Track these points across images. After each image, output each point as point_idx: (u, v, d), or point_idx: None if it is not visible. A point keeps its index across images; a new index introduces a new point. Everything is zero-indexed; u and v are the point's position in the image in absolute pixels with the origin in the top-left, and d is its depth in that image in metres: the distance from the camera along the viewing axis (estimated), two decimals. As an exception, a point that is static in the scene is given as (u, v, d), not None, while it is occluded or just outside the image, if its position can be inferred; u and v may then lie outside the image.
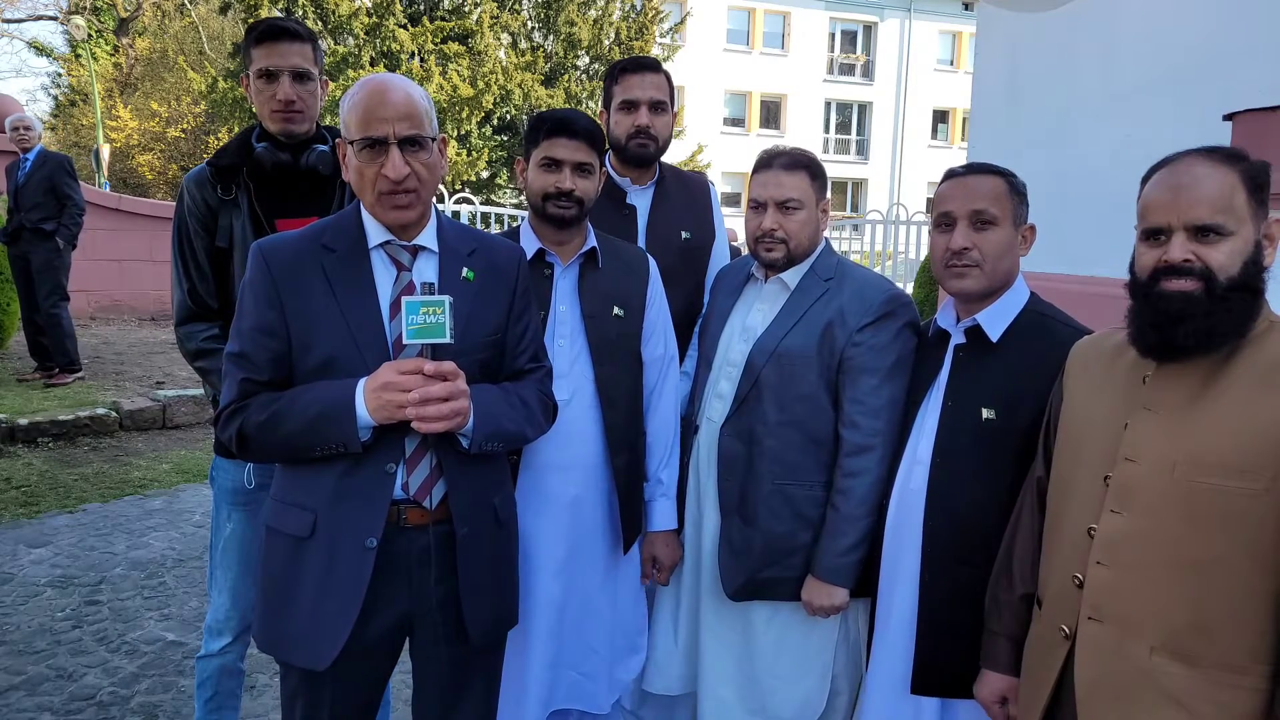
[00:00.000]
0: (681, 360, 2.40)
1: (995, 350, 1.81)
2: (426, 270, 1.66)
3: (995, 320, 1.82)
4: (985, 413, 1.76)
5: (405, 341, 1.53)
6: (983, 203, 1.79)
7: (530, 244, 2.08)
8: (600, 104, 2.62)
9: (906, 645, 1.85)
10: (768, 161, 2.12)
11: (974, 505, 1.75)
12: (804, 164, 2.10)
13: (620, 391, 2.12)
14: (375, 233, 1.63)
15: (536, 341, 1.83)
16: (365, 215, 1.65)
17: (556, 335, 2.07)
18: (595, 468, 2.11)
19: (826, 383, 2.02)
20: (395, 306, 1.60)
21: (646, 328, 2.18)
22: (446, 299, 1.53)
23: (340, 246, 1.61)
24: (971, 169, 1.86)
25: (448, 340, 1.53)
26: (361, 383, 1.53)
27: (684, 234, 2.50)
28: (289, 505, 1.61)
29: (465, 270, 1.68)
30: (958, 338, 1.87)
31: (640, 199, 2.51)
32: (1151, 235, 1.39)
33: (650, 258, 2.27)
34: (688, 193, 2.60)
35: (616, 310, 2.12)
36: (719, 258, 2.57)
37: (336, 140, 1.67)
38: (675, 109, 2.56)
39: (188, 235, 2.18)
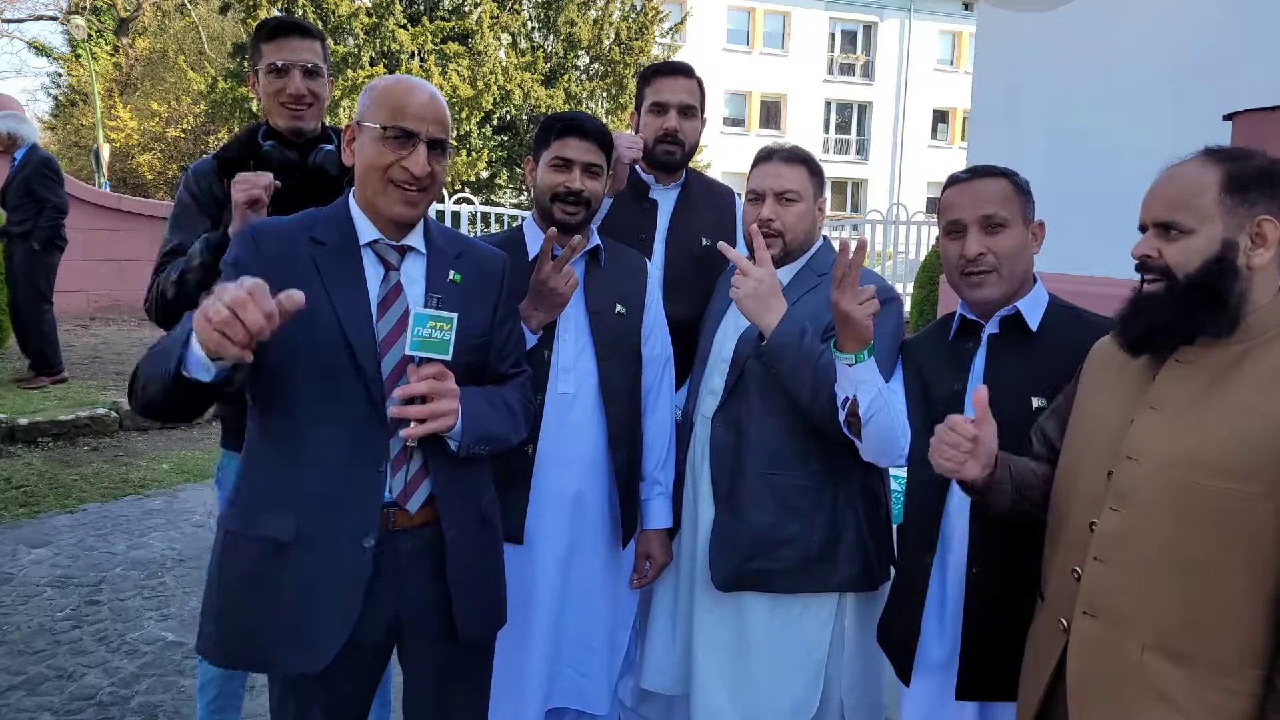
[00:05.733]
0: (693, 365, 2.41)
1: (1036, 339, 1.78)
2: (414, 271, 1.66)
3: (1032, 310, 1.80)
4: (1036, 401, 1.73)
5: (407, 352, 1.53)
6: (991, 206, 1.78)
7: (536, 239, 2.10)
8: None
9: (951, 649, 1.80)
10: (767, 155, 2.14)
11: None
12: (803, 158, 2.12)
13: (621, 388, 2.14)
14: (365, 230, 1.63)
15: (520, 347, 1.85)
16: (355, 212, 1.64)
17: (561, 330, 2.09)
18: (597, 462, 2.13)
19: None
20: (383, 306, 1.60)
21: (645, 327, 2.20)
22: (454, 316, 1.53)
23: (331, 241, 1.60)
24: (975, 173, 1.84)
25: (447, 358, 1.54)
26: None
27: (704, 240, 2.51)
28: (264, 508, 1.55)
29: (452, 273, 1.68)
30: (991, 328, 1.83)
31: (663, 198, 2.55)
32: (1141, 231, 1.43)
33: (647, 261, 2.29)
34: (712, 200, 2.63)
35: (619, 308, 2.14)
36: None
37: (346, 125, 1.66)
38: (705, 115, 2.60)
39: (190, 215, 2.14)
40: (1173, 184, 1.38)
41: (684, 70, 2.54)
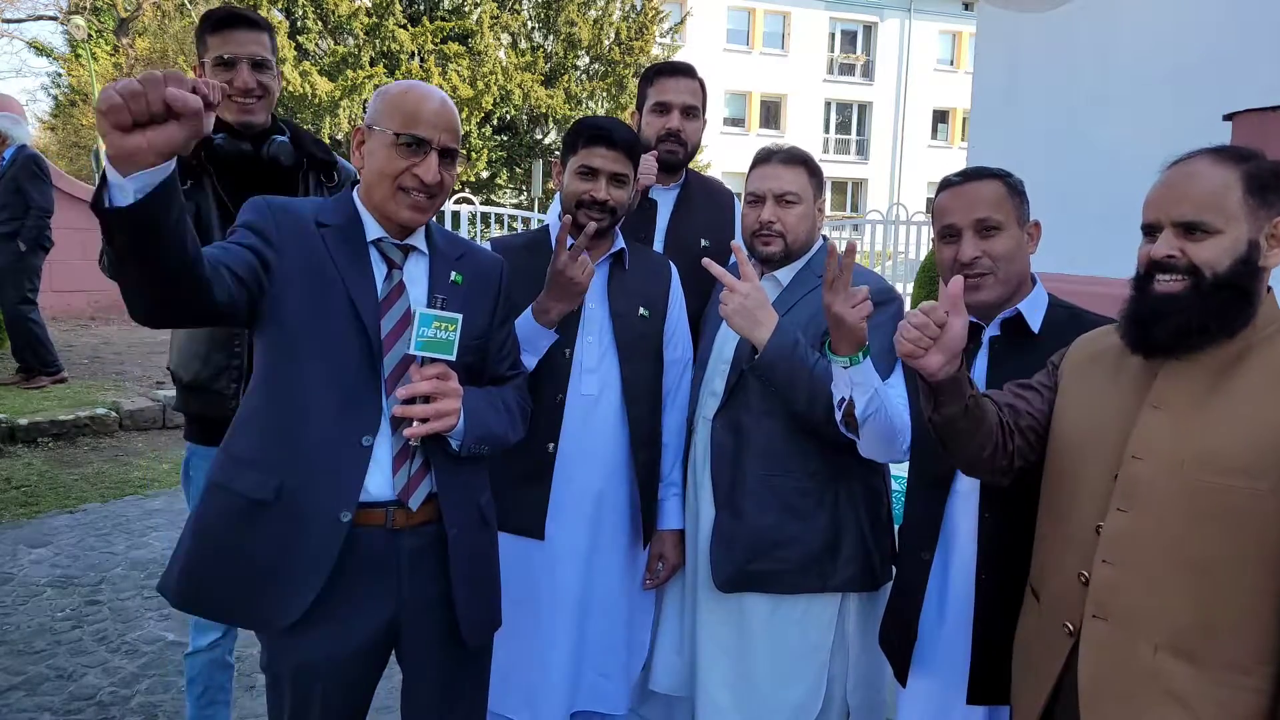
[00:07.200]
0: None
1: (1038, 341, 1.77)
2: (416, 271, 1.67)
3: (1033, 311, 1.80)
4: None
5: (411, 351, 1.53)
6: (985, 210, 1.77)
7: (563, 245, 2.10)
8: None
9: (959, 655, 1.79)
10: (766, 157, 2.13)
11: (1034, 500, 1.68)
12: (802, 160, 2.12)
13: (644, 389, 2.15)
14: (370, 228, 1.63)
15: (517, 348, 1.87)
16: (361, 210, 1.64)
17: (585, 332, 2.10)
18: (619, 463, 2.14)
19: None
20: (386, 304, 1.60)
21: (668, 330, 2.22)
22: (459, 317, 1.54)
23: (336, 224, 1.60)
24: (967, 176, 1.84)
25: (452, 358, 1.55)
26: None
27: (704, 241, 2.52)
28: (248, 464, 1.55)
29: (454, 274, 1.69)
30: (993, 330, 1.82)
31: (663, 197, 2.55)
32: (1147, 231, 1.41)
33: (671, 263, 2.30)
34: (711, 201, 2.64)
35: (642, 310, 2.16)
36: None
37: (355, 128, 1.66)
38: (706, 116, 2.62)
39: None
40: (1194, 183, 1.35)
41: (687, 71, 2.55)
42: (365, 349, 1.56)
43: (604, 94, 17.54)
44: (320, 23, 15.62)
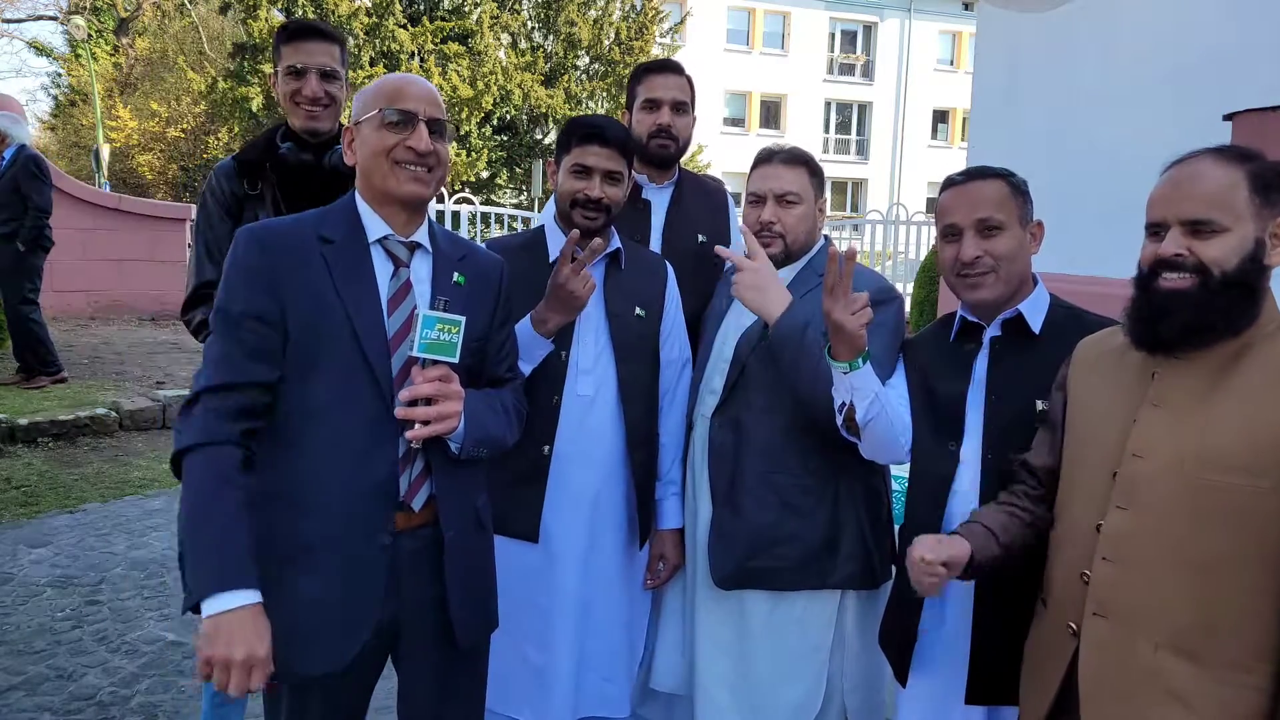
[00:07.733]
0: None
1: (1038, 341, 1.77)
2: (421, 270, 1.66)
3: (1034, 311, 1.79)
4: (1040, 404, 1.71)
5: (414, 354, 1.53)
6: (987, 209, 1.77)
7: (558, 241, 2.11)
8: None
9: (959, 655, 1.79)
10: (767, 157, 2.13)
11: None
12: (803, 160, 2.12)
13: (640, 390, 2.15)
14: (374, 227, 1.62)
15: (515, 352, 1.87)
16: (363, 209, 1.64)
17: (581, 332, 2.10)
18: (616, 463, 2.14)
19: None
20: (393, 303, 1.60)
21: (664, 330, 2.22)
22: (462, 319, 1.54)
23: (339, 237, 1.60)
24: (970, 175, 1.83)
25: (454, 360, 1.54)
26: (232, 600, 1.39)
27: (700, 238, 2.52)
28: (280, 512, 1.53)
29: (456, 275, 1.69)
30: (993, 330, 1.82)
31: (657, 197, 2.55)
32: (1152, 230, 1.41)
33: (667, 263, 2.30)
34: (706, 198, 2.63)
35: (639, 310, 2.15)
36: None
37: (345, 128, 1.67)
38: (695, 113, 2.62)
39: (210, 221, 2.25)
40: (1201, 182, 1.36)
41: (674, 68, 2.56)
42: (372, 379, 1.55)
43: (604, 94, 17.55)
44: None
